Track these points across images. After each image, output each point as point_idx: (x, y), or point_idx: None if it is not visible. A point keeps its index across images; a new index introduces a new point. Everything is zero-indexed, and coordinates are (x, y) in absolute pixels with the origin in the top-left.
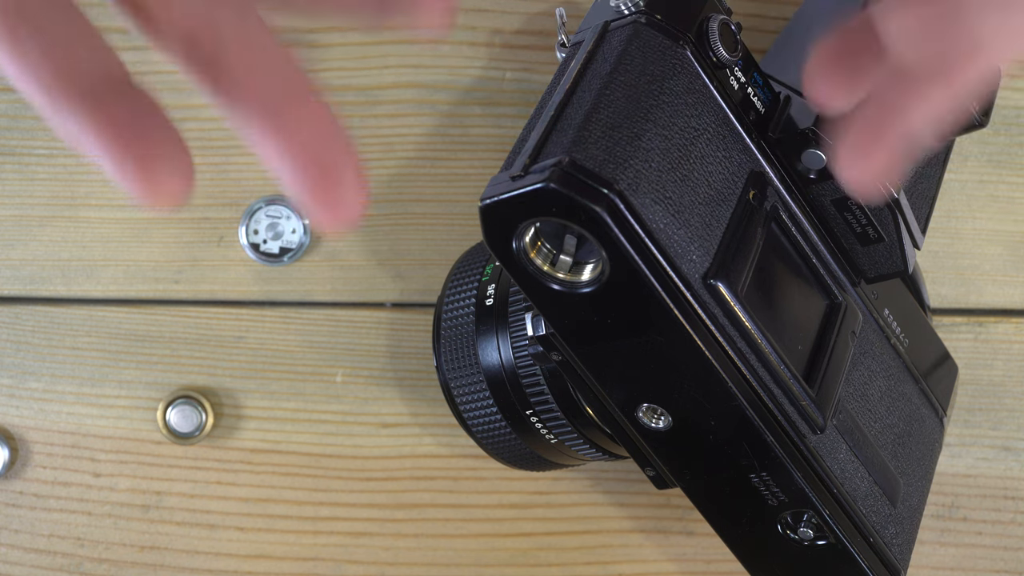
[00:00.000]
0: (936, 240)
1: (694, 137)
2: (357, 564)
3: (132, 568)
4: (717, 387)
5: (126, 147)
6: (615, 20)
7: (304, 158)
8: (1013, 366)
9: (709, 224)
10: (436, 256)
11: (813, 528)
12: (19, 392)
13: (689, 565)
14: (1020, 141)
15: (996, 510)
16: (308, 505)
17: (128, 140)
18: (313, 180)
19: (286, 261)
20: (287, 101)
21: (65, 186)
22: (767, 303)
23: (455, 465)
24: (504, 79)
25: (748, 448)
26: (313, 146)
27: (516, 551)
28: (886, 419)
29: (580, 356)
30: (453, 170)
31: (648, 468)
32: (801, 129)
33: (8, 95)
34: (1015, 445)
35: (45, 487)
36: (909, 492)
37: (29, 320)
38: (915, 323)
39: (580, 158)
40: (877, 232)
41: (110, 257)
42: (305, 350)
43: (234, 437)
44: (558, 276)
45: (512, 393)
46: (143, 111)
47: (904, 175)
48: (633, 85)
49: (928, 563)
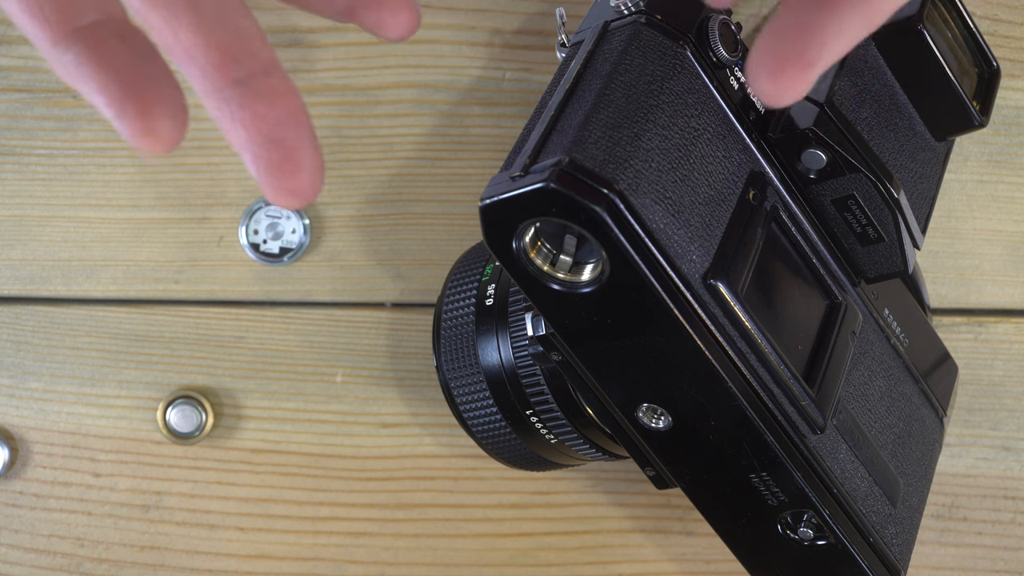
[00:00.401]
0: (936, 240)
1: (694, 137)
2: (357, 564)
3: (132, 568)
4: (717, 387)
5: (125, 87)
6: (615, 20)
7: (264, 131)
8: (1013, 366)
9: (709, 224)
10: (436, 256)
11: (813, 528)
12: (19, 392)
13: (689, 565)
14: (1020, 141)
15: (996, 510)
16: (308, 505)
17: (127, 80)
18: (270, 155)
19: (286, 261)
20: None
21: (65, 186)
22: (767, 303)
23: (455, 465)
24: (504, 79)
25: (748, 448)
26: (274, 121)
27: (516, 551)
28: (886, 419)
29: (580, 356)
30: (453, 170)
31: (648, 468)
32: (801, 129)
33: (8, 95)
34: (1015, 445)
35: (45, 487)
36: (909, 492)
37: (29, 320)
38: (915, 323)
39: (580, 158)
40: (877, 232)
41: (110, 257)
42: (305, 350)
43: (234, 437)
44: (558, 276)
45: (512, 393)
46: (141, 53)
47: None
48: (633, 85)
49: (928, 563)
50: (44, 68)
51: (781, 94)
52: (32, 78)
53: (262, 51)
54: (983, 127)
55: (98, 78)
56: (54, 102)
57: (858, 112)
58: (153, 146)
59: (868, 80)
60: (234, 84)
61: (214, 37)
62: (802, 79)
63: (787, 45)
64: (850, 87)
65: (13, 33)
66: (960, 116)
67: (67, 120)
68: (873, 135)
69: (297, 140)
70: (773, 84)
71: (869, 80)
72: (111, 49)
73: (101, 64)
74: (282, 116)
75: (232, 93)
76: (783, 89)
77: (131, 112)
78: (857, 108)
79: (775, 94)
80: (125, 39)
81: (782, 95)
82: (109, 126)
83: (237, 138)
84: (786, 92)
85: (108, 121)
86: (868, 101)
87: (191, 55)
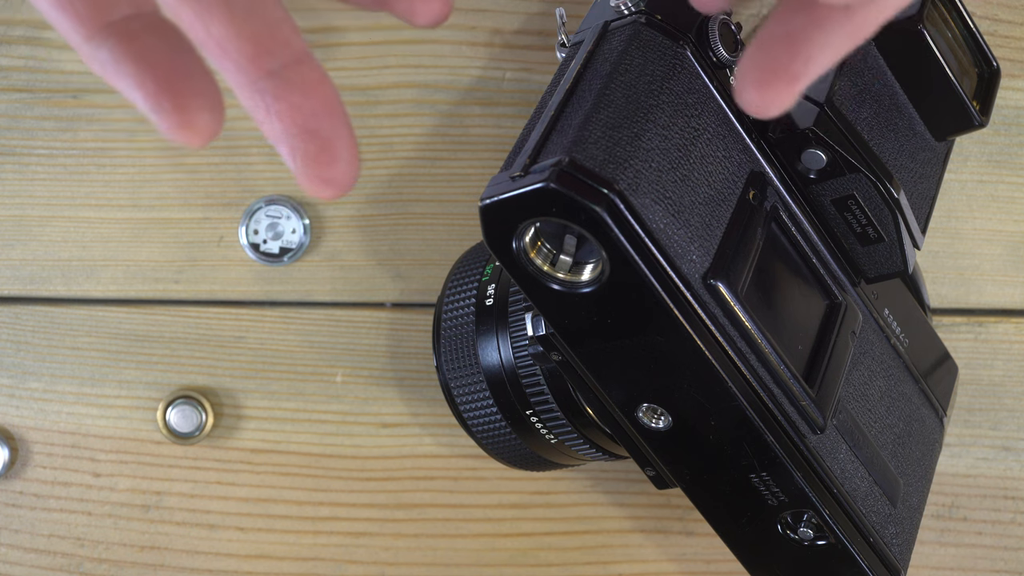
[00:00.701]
0: (936, 240)
1: (694, 137)
2: (357, 564)
3: (132, 568)
4: (717, 387)
5: (160, 81)
6: (615, 20)
7: (300, 122)
8: (1013, 366)
9: (709, 224)
10: (436, 256)
11: (813, 528)
12: (19, 392)
13: (689, 565)
14: (1020, 141)
15: (996, 510)
16: (308, 505)
17: (162, 74)
18: (306, 146)
19: (286, 261)
20: (288, 64)
21: (65, 186)
22: (767, 303)
23: (455, 465)
24: (504, 79)
25: (748, 448)
26: (310, 112)
27: (516, 551)
28: (886, 419)
29: (580, 356)
30: (453, 170)
31: (648, 468)
32: (801, 129)
33: (8, 95)
34: (1015, 445)
35: (45, 487)
36: (909, 492)
37: (29, 320)
38: (915, 323)
39: (580, 158)
40: (877, 232)
41: (110, 257)
42: (305, 350)
43: (234, 437)
44: (558, 276)
45: (512, 393)
46: (175, 46)
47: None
48: (633, 85)
49: (928, 563)
50: (44, 68)
51: (767, 106)
52: (32, 78)
53: (294, 40)
54: (983, 127)
55: (133, 73)
56: (54, 102)
57: (858, 112)
58: (191, 139)
59: (868, 80)
60: (268, 76)
61: (246, 29)
62: (788, 92)
63: (773, 58)
64: (850, 87)
65: (13, 33)
66: (960, 116)
67: (67, 120)
68: (873, 135)
69: (333, 130)
70: (759, 96)
71: (869, 80)
72: (145, 43)
73: (136, 59)
74: (318, 106)
75: (267, 85)
76: (768, 101)
77: (168, 106)
78: (857, 108)
79: (761, 105)
80: (159, 33)
81: (768, 107)
82: (109, 126)
83: (272, 130)
84: (771, 104)
85: (144, 115)
86: (868, 101)
87: (224, 49)
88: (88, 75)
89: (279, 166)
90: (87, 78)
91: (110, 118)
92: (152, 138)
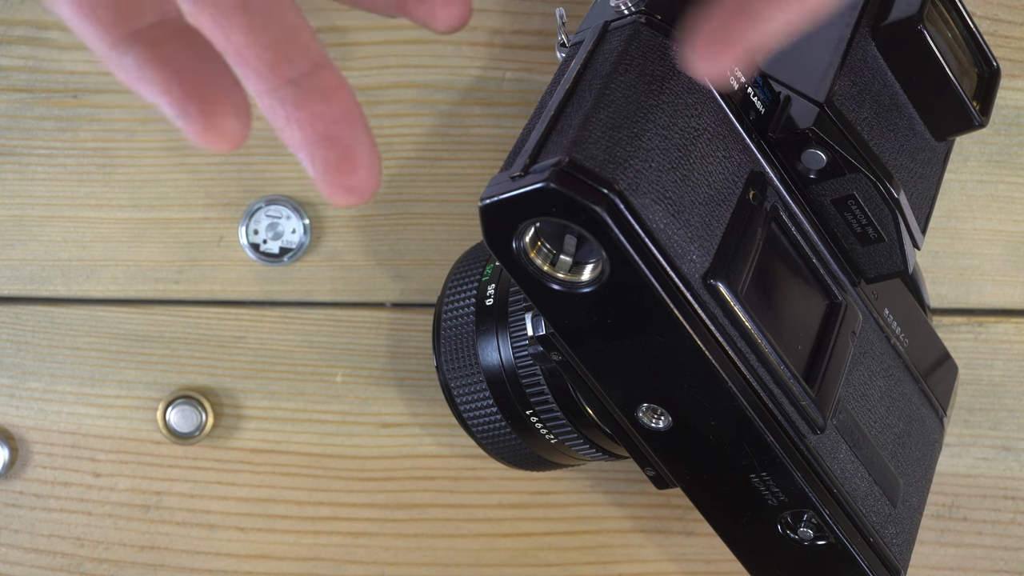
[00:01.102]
0: (936, 240)
1: (694, 137)
2: (357, 564)
3: (132, 568)
4: (717, 387)
5: (187, 87)
6: (615, 20)
7: (321, 129)
8: (1013, 366)
9: (709, 224)
10: (436, 256)
11: (813, 528)
12: (19, 392)
13: (689, 565)
14: (1020, 141)
15: (996, 510)
16: (308, 505)
17: (188, 80)
18: (327, 153)
19: (286, 261)
20: (307, 72)
21: (65, 186)
22: (767, 303)
23: (455, 465)
24: (504, 79)
25: (748, 448)
26: (331, 119)
27: (516, 551)
28: (886, 419)
29: (580, 356)
30: (453, 170)
31: (648, 468)
32: (801, 129)
33: (8, 95)
34: (1015, 445)
35: (45, 487)
36: (909, 492)
37: (29, 320)
38: (915, 323)
39: (580, 158)
40: (877, 232)
41: (110, 257)
42: (305, 350)
43: (234, 437)
44: (558, 276)
45: (512, 393)
46: (201, 52)
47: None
48: (633, 85)
49: (928, 563)
50: (44, 68)
51: (710, 72)
52: (32, 78)
53: (312, 46)
54: (983, 127)
55: (159, 80)
56: (54, 102)
57: (858, 112)
58: (218, 144)
59: (868, 80)
60: (288, 84)
61: (264, 36)
62: (731, 59)
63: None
64: (850, 87)
65: (13, 33)
66: (960, 116)
67: (67, 120)
68: (873, 135)
69: (353, 136)
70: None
71: (869, 80)
72: (171, 49)
73: (162, 65)
74: (338, 114)
75: (287, 93)
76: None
77: (194, 112)
78: (857, 108)
79: (706, 72)
80: (184, 39)
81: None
82: (109, 126)
83: (292, 138)
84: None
85: (171, 121)
86: (868, 101)
87: (243, 56)
88: (88, 75)
89: (279, 166)
90: (87, 78)
91: (110, 118)
92: (152, 138)
